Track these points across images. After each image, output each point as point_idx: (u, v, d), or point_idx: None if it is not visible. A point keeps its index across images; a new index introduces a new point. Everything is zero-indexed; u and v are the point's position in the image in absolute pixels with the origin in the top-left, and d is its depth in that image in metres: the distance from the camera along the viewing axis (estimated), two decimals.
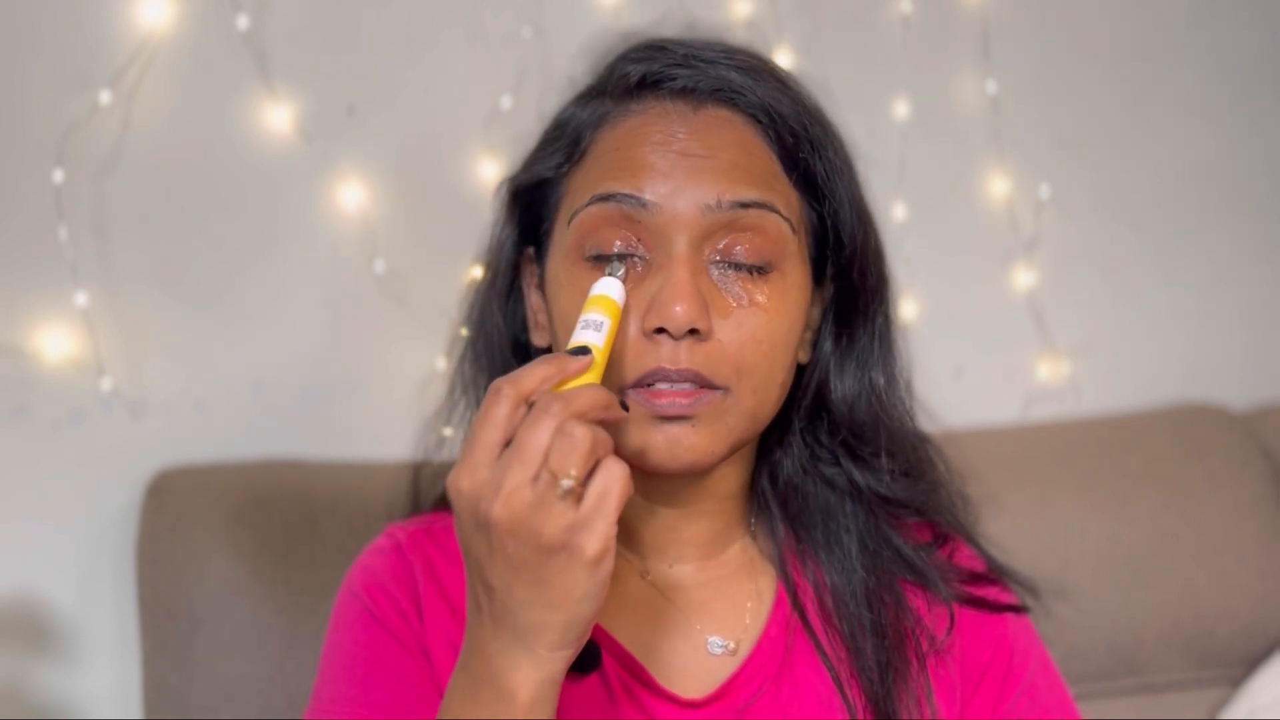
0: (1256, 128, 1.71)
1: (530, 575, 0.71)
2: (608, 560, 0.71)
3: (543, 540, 0.70)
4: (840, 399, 0.93)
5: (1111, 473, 1.46)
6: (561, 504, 0.70)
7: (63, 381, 1.27)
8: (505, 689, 0.74)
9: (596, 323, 0.80)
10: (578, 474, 0.69)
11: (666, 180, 0.85)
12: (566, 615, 0.72)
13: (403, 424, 1.10)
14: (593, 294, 0.82)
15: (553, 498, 0.70)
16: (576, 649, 0.74)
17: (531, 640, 0.73)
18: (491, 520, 0.71)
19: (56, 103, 1.25)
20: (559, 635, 0.73)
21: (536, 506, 0.70)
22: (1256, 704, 1.40)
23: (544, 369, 0.75)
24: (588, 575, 0.71)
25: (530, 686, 0.73)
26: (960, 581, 0.96)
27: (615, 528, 0.71)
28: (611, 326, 0.80)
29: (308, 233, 1.36)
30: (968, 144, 1.60)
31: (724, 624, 0.93)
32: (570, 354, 0.77)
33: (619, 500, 0.70)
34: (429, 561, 0.92)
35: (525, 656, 0.73)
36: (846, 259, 0.91)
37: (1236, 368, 1.71)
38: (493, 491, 0.71)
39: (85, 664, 1.29)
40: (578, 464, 0.69)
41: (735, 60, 0.89)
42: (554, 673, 0.74)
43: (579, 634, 0.73)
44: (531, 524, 0.70)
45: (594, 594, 0.72)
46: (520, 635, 0.73)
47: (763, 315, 0.85)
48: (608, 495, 0.70)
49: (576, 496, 0.70)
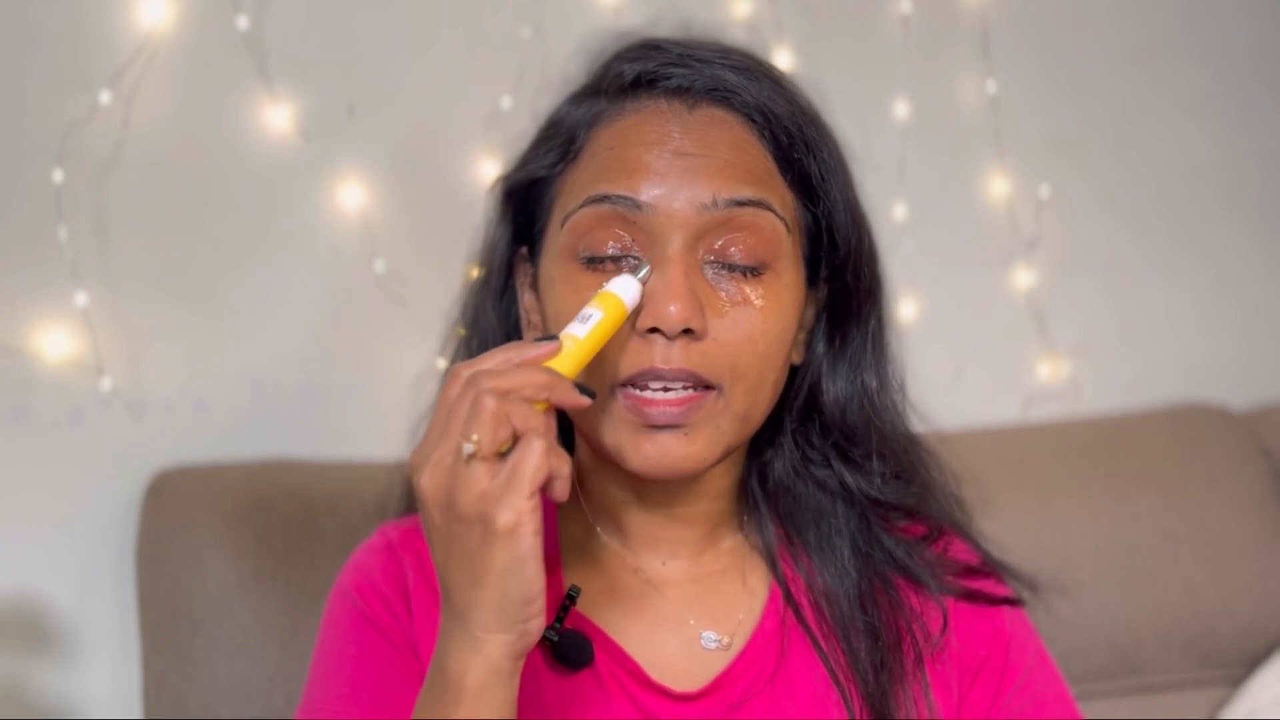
0: (1256, 128, 1.71)
1: (457, 549, 0.72)
2: (523, 534, 0.71)
3: (458, 509, 0.71)
4: (832, 401, 0.93)
5: (1111, 473, 1.46)
6: (472, 473, 0.70)
7: (63, 381, 1.28)
8: (452, 674, 0.74)
9: (585, 315, 0.80)
10: (481, 439, 0.70)
11: (662, 180, 0.85)
12: (492, 592, 0.72)
13: (403, 424, 1.10)
14: (603, 289, 0.82)
15: (463, 467, 0.71)
16: (519, 638, 0.74)
17: (468, 620, 0.73)
18: (420, 490, 0.73)
19: (56, 103, 1.25)
20: (491, 615, 0.73)
21: (453, 476, 0.71)
22: (1256, 704, 1.40)
23: (504, 353, 0.76)
24: (504, 549, 0.71)
25: (474, 672, 0.74)
26: (954, 576, 0.96)
27: (532, 502, 0.71)
28: (602, 321, 0.80)
29: (307, 232, 1.36)
30: (968, 144, 1.60)
31: (717, 619, 0.93)
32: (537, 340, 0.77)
33: (534, 474, 0.70)
34: (420, 560, 0.93)
35: (465, 638, 0.74)
36: (840, 260, 0.91)
37: (1236, 368, 1.70)
38: (424, 463, 0.73)
39: (85, 664, 1.29)
40: (481, 430, 0.70)
41: (730, 60, 0.89)
42: (495, 659, 0.74)
43: (513, 617, 0.73)
44: (450, 493, 0.71)
45: (516, 570, 0.71)
46: (459, 615, 0.74)
47: (757, 315, 0.85)
48: (520, 467, 0.70)
49: (491, 467, 0.71)
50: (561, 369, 0.76)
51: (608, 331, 0.80)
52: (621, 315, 0.81)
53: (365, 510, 1.22)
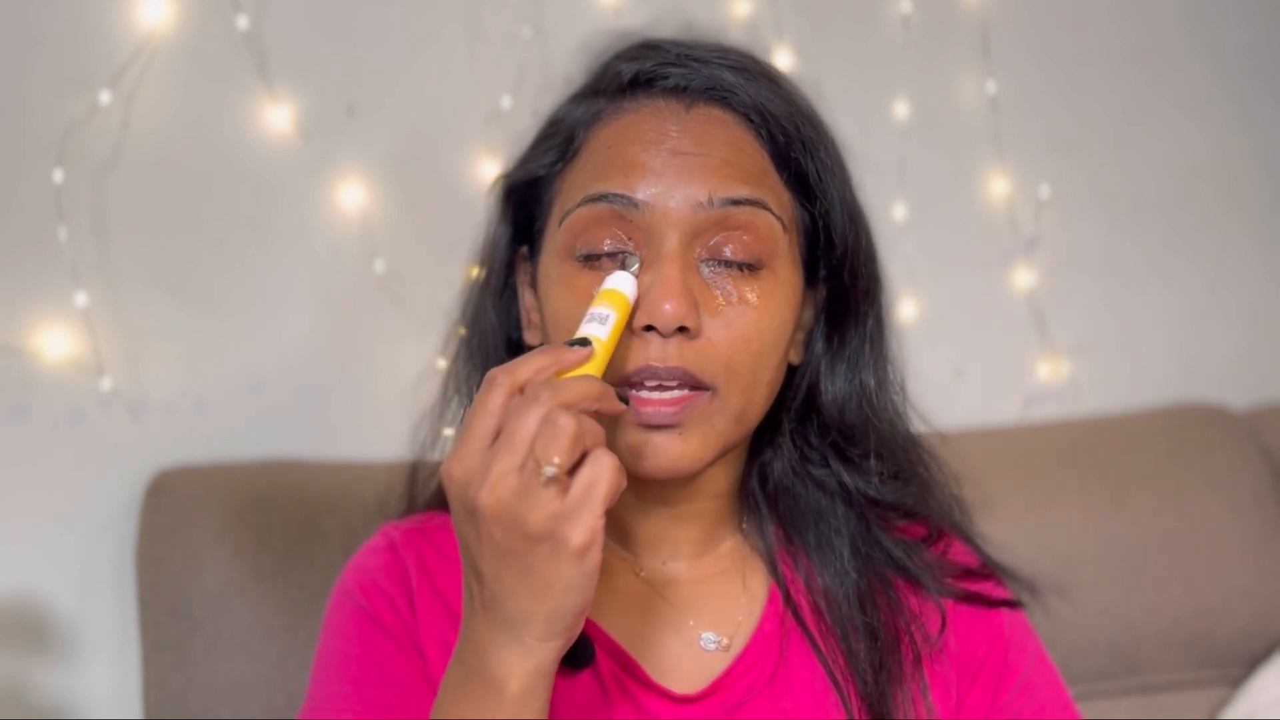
0: (1256, 128, 1.71)
1: (516, 564, 0.71)
2: (594, 552, 0.71)
3: (527, 528, 0.70)
4: (830, 401, 0.93)
5: (1111, 473, 1.46)
6: (546, 492, 0.70)
7: (63, 381, 1.28)
8: (495, 679, 0.74)
9: (602, 316, 0.80)
10: (561, 462, 0.69)
11: (658, 179, 0.85)
12: (552, 605, 0.72)
13: (403, 424, 1.10)
14: (603, 287, 0.82)
15: (537, 486, 0.70)
16: (566, 641, 0.74)
17: (519, 630, 0.73)
18: (479, 507, 0.71)
19: (56, 103, 1.26)
20: (545, 625, 0.73)
21: (521, 494, 0.70)
22: (1256, 704, 1.40)
23: (541, 359, 0.75)
24: (573, 566, 0.71)
25: (519, 677, 0.73)
26: (953, 577, 0.96)
27: (602, 520, 0.70)
28: (618, 320, 0.80)
29: (307, 233, 1.36)
30: (968, 144, 1.60)
31: (717, 620, 0.93)
32: (569, 345, 0.77)
33: (607, 492, 0.70)
34: (423, 559, 0.93)
35: (514, 646, 0.73)
36: (838, 260, 0.91)
37: (1236, 368, 1.71)
38: (480, 479, 0.71)
39: (85, 664, 1.29)
40: (561, 452, 0.69)
41: (728, 60, 0.89)
42: (543, 664, 0.74)
43: (567, 625, 0.73)
44: (516, 511, 0.70)
45: (580, 585, 0.72)
46: (508, 624, 0.73)
47: (752, 313, 0.85)
48: (594, 486, 0.70)
49: (563, 486, 0.70)
50: (593, 373, 0.76)
51: (620, 329, 0.81)
52: (628, 311, 0.82)
53: (365, 510, 1.22)
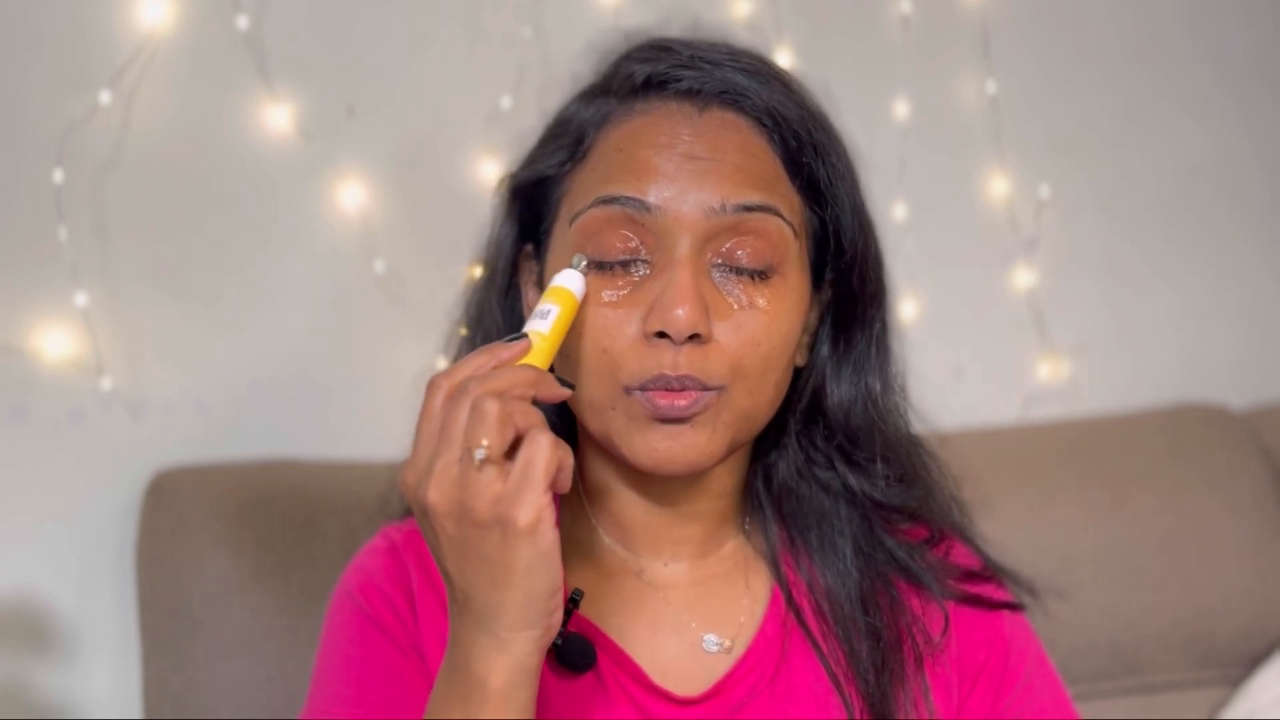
0: (1256, 128, 1.71)
1: (474, 554, 0.73)
2: (544, 529, 0.72)
3: (475, 516, 0.71)
4: (836, 404, 0.94)
5: (1111, 473, 1.46)
6: (484, 477, 0.71)
7: (63, 381, 1.28)
8: (476, 676, 0.75)
9: (544, 311, 0.81)
10: (490, 443, 0.70)
11: (671, 183, 0.85)
12: (517, 592, 0.73)
13: (403, 424, 1.09)
14: (551, 284, 0.84)
15: (475, 473, 0.71)
16: (545, 632, 0.75)
17: (492, 623, 0.74)
18: (428, 504, 0.73)
19: (56, 103, 1.25)
20: (517, 613, 0.73)
21: (463, 485, 0.71)
22: (1256, 704, 1.40)
23: (479, 358, 0.76)
24: (528, 546, 0.72)
25: (499, 673, 0.74)
26: (955, 580, 0.96)
27: (547, 496, 0.71)
28: (560, 314, 0.81)
29: (307, 233, 1.36)
30: (968, 144, 1.60)
31: (719, 622, 0.93)
32: (506, 341, 0.78)
33: (545, 466, 0.71)
34: (423, 561, 0.92)
35: (489, 641, 0.74)
36: (846, 264, 0.91)
37: (1236, 368, 1.71)
38: (426, 477, 0.73)
39: (85, 664, 1.29)
40: (489, 434, 0.71)
41: (741, 63, 0.89)
42: (522, 656, 0.74)
43: (539, 612, 0.74)
44: (462, 501, 0.72)
45: (540, 566, 0.72)
46: (481, 620, 0.74)
47: (762, 318, 0.85)
48: (531, 463, 0.71)
49: (503, 470, 0.71)
50: (535, 364, 0.78)
51: (566, 324, 0.82)
52: (574, 307, 0.83)
53: (365, 510, 1.22)
